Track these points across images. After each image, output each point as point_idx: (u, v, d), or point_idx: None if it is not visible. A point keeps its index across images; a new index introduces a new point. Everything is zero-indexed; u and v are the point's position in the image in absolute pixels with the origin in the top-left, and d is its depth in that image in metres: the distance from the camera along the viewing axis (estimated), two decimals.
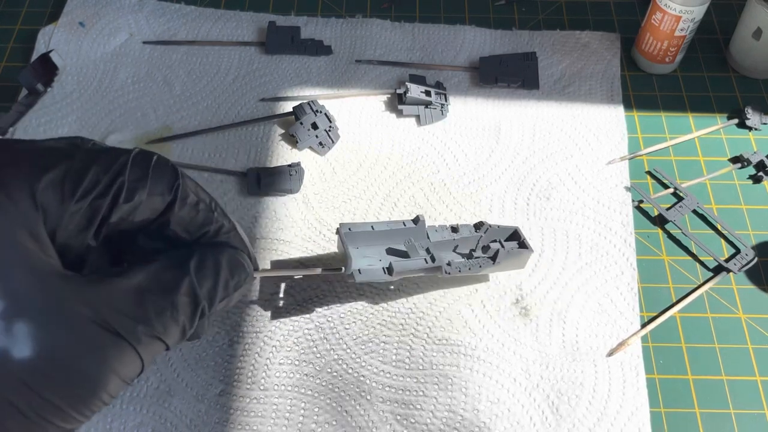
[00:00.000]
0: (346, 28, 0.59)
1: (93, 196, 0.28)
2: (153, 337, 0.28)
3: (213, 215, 0.32)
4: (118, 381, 0.27)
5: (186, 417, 0.40)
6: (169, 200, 0.30)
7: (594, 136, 0.53)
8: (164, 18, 0.60)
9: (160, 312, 0.28)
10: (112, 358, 0.27)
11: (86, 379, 0.26)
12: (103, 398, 0.27)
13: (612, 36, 0.59)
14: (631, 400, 0.41)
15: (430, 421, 0.40)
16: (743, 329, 0.45)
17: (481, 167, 0.51)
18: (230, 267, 0.32)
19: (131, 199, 0.29)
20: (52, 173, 0.27)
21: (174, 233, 0.31)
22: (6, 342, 0.24)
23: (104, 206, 0.28)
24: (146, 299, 0.28)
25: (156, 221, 0.31)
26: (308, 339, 0.43)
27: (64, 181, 0.27)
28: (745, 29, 0.55)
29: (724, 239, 0.49)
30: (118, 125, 0.53)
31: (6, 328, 0.24)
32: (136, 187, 0.29)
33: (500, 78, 0.55)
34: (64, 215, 0.27)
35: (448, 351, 0.43)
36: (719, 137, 0.54)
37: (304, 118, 0.51)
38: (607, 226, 0.48)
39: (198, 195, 0.32)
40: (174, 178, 0.31)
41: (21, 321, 0.25)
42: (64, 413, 0.26)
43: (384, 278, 0.40)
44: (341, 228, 0.41)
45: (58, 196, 0.27)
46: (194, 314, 0.30)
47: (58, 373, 0.25)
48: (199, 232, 0.32)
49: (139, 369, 0.28)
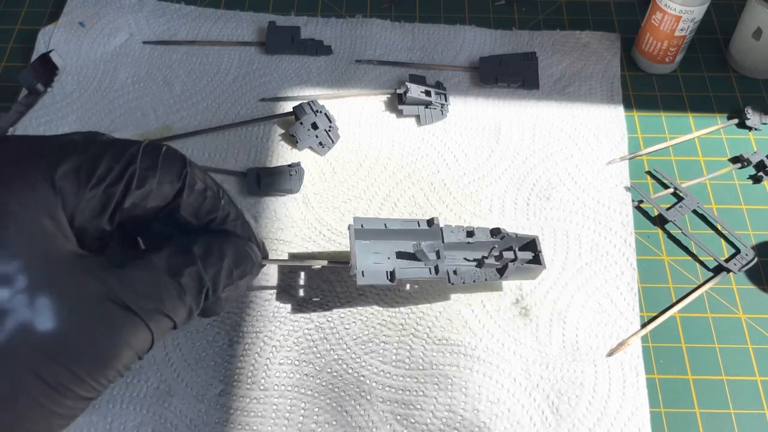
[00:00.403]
0: (346, 28, 0.59)
1: (107, 183, 0.30)
2: (161, 314, 0.30)
3: (220, 202, 0.34)
4: (131, 353, 0.29)
5: (186, 417, 0.40)
6: (179, 187, 0.32)
7: (594, 136, 0.53)
8: (164, 18, 0.60)
9: (168, 292, 0.30)
10: (125, 331, 0.29)
11: (102, 349, 0.28)
12: (118, 368, 0.29)
13: (612, 36, 0.59)
14: (631, 400, 0.41)
15: (430, 421, 0.40)
16: (743, 329, 0.45)
17: (481, 167, 0.51)
18: (235, 255, 0.34)
19: (142, 185, 0.31)
20: (68, 163, 0.29)
21: (183, 219, 0.33)
22: (30, 315, 0.26)
23: (117, 193, 0.30)
24: (156, 280, 0.30)
25: (167, 207, 0.33)
26: (308, 339, 0.43)
27: (79, 170, 0.29)
28: (745, 29, 0.55)
29: (724, 239, 0.49)
30: (118, 125, 0.53)
31: (29, 302, 0.26)
32: (147, 175, 0.31)
33: (500, 78, 0.55)
34: (81, 201, 0.29)
35: (448, 351, 0.43)
36: (719, 137, 0.54)
37: (304, 118, 0.51)
38: (607, 226, 0.48)
39: (206, 182, 0.34)
40: (182, 166, 0.33)
41: (43, 296, 0.27)
42: (83, 381, 0.28)
43: (387, 283, 0.40)
44: (354, 223, 0.41)
45: (74, 184, 0.29)
46: (199, 295, 0.32)
47: (76, 343, 0.27)
48: (207, 218, 0.34)
49: (149, 343, 0.30)
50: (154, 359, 0.42)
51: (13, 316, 0.26)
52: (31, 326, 0.26)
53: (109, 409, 0.41)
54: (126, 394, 0.41)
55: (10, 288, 0.26)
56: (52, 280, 0.27)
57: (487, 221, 0.48)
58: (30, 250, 0.27)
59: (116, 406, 0.41)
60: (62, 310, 0.27)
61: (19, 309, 0.26)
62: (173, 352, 0.43)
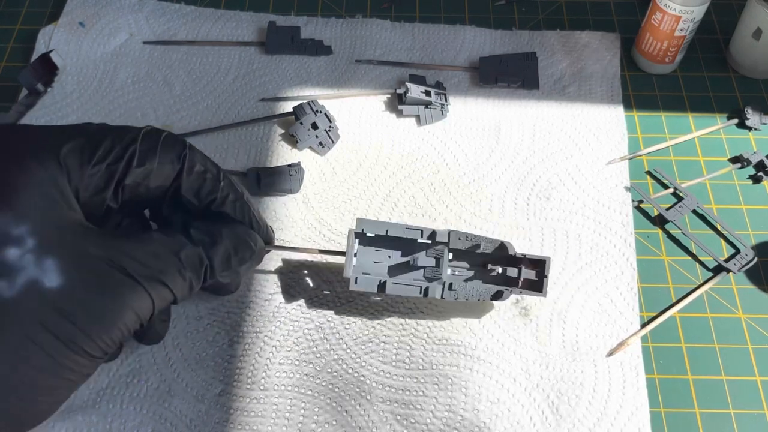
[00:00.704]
0: (346, 28, 0.59)
1: (108, 161, 0.33)
2: (160, 283, 0.32)
3: (219, 184, 0.36)
4: (132, 314, 0.31)
5: (186, 417, 0.40)
6: (179, 168, 0.35)
7: (594, 136, 0.53)
8: (164, 18, 0.60)
9: (166, 264, 0.33)
10: (125, 293, 0.31)
11: (105, 308, 0.30)
12: (121, 327, 0.31)
13: (612, 36, 0.59)
14: (631, 400, 0.41)
15: (430, 421, 0.40)
16: (743, 329, 0.45)
17: (481, 167, 0.51)
18: (234, 239, 0.36)
19: (143, 164, 0.34)
20: (73, 143, 0.32)
21: (187, 200, 0.36)
22: (38, 273, 0.29)
23: (119, 170, 0.33)
24: (154, 252, 0.33)
25: (170, 189, 0.36)
26: (308, 339, 0.43)
27: (83, 148, 0.33)
28: (745, 29, 0.55)
29: (723, 239, 0.49)
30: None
31: (37, 262, 0.29)
32: (147, 155, 0.34)
33: (500, 78, 0.55)
34: (84, 177, 0.32)
35: (448, 351, 0.43)
36: (719, 137, 0.54)
37: (304, 118, 0.51)
38: (607, 226, 0.48)
39: (205, 165, 0.36)
40: (182, 148, 0.35)
41: (49, 256, 0.29)
42: (88, 338, 0.30)
43: (378, 292, 0.41)
44: (356, 226, 0.41)
45: (78, 161, 0.32)
46: (198, 271, 0.34)
47: (80, 300, 0.30)
48: (207, 199, 0.36)
49: (150, 309, 0.32)
50: (154, 359, 0.42)
51: (23, 273, 0.29)
52: (40, 283, 0.29)
53: (109, 409, 0.41)
54: (126, 394, 0.41)
55: (20, 248, 0.29)
56: (58, 243, 0.30)
57: (487, 221, 0.48)
58: (38, 215, 0.30)
59: (116, 406, 0.41)
60: (67, 270, 0.30)
61: (29, 267, 0.29)
62: (173, 352, 0.43)
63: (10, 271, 0.29)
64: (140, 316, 0.32)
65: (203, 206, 0.36)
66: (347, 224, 0.48)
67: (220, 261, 0.35)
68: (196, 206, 0.36)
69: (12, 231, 0.29)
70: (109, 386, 0.41)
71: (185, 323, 0.44)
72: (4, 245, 0.29)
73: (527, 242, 0.47)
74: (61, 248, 0.30)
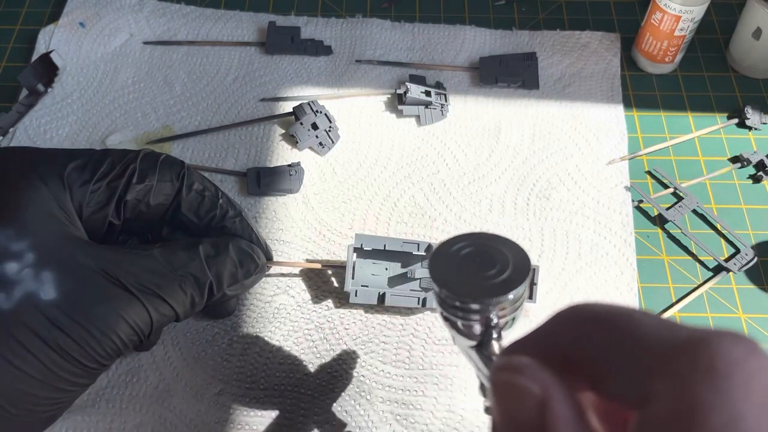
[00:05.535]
0: (346, 28, 0.59)
1: (109, 179, 0.35)
2: (158, 297, 0.33)
3: (218, 201, 0.38)
4: (126, 326, 0.32)
5: (185, 416, 0.40)
6: (178, 186, 0.36)
7: (594, 136, 0.53)
8: (164, 18, 0.60)
9: (166, 279, 0.34)
10: (119, 305, 0.32)
11: (99, 319, 0.31)
12: (115, 339, 0.32)
13: (612, 36, 0.59)
14: None
15: (430, 421, 0.40)
16: (743, 329, 0.45)
17: (481, 167, 0.51)
18: (238, 254, 0.37)
19: (143, 180, 0.35)
20: (75, 162, 0.34)
21: (187, 219, 0.37)
22: (35, 286, 0.30)
23: (120, 186, 0.35)
24: (154, 267, 0.33)
25: (170, 207, 0.37)
26: (308, 339, 0.43)
27: (85, 167, 0.34)
28: (745, 29, 0.55)
29: (723, 239, 0.49)
30: (118, 125, 0.53)
31: (35, 275, 0.30)
32: (147, 173, 0.36)
33: (500, 78, 0.55)
34: (87, 193, 0.34)
35: (448, 351, 0.43)
36: (719, 137, 0.54)
37: (304, 118, 0.51)
38: (607, 226, 0.48)
39: (203, 184, 0.38)
40: (180, 167, 0.37)
41: (47, 270, 0.31)
42: (82, 348, 0.31)
43: (378, 304, 0.42)
44: (354, 241, 0.42)
45: (80, 178, 0.34)
46: (202, 288, 0.35)
47: (76, 312, 0.31)
48: (207, 216, 0.37)
49: (147, 323, 0.33)
50: (153, 359, 0.42)
51: (20, 286, 0.30)
52: (36, 295, 0.30)
53: (108, 408, 0.41)
54: (126, 394, 0.41)
55: (20, 262, 0.30)
56: (56, 257, 0.31)
57: (487, 221, 0.48)
58: (40, 231, 0.31)
59: (116, 405, 0.41)
60: (63, 283, 0.31)
61: (26, 280, 0.30)
62: (173, 351, 0.43)
63: (8, 285, 0.30)
64: (136, 329, 0.33)
65: (204, 224, 0.37)
66: (347, 224, 0.48)
67: (228, 274, 0.36)
68: (197, 224, 0.37)
69: (12, 246, 0.31)
70: (108, 386, 0.41)
71: (185, 323, 0.44)
72: (4, 260, 0.30)
73: (527, 242, 0.47)
74: (60, 262, 0.31)
